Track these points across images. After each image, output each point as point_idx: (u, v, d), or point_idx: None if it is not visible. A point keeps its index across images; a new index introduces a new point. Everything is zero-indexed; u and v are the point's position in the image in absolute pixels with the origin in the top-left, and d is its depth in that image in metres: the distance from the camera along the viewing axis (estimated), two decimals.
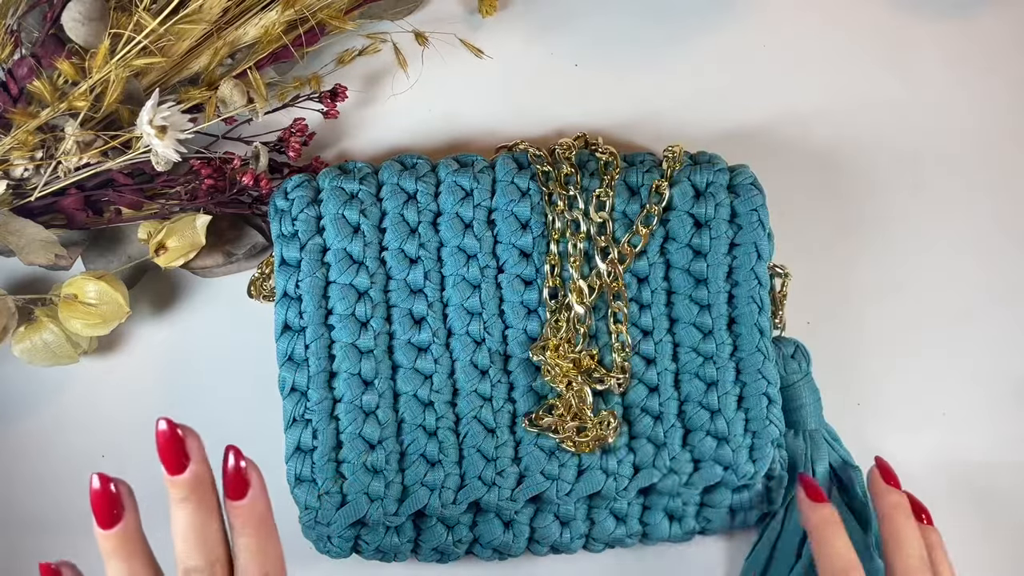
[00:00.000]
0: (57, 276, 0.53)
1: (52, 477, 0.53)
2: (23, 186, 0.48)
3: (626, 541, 0.50)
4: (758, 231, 0.50)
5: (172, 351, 0.54)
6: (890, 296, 0.57)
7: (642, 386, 0.49)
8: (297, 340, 0.47)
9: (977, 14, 0.59)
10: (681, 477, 0.49)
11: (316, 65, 0.55)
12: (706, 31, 0.58)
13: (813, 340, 0.54)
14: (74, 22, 0.46)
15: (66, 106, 0.46)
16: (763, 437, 0.49)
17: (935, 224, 0.58)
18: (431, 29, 0.55)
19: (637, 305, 0.50)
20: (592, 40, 0.57)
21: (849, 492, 0.53)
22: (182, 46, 0.49)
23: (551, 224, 0.49)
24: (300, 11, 0.49)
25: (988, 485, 0.56)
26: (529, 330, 0.49)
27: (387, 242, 0.48)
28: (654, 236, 0.50)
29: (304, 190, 0.48)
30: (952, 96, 0.59)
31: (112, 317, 0.48)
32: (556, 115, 0.57)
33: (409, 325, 0.48)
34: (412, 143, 0.56)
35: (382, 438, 0.47)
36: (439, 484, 0.47)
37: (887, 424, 0.56)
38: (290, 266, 0.48)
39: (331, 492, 0.46)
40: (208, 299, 0.54)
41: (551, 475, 0.48)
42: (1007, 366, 0.57)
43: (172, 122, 0.46)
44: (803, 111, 0.58)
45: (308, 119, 0.52)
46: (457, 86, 0.56)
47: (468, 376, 0.48)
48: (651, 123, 0.57)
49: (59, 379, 0.53)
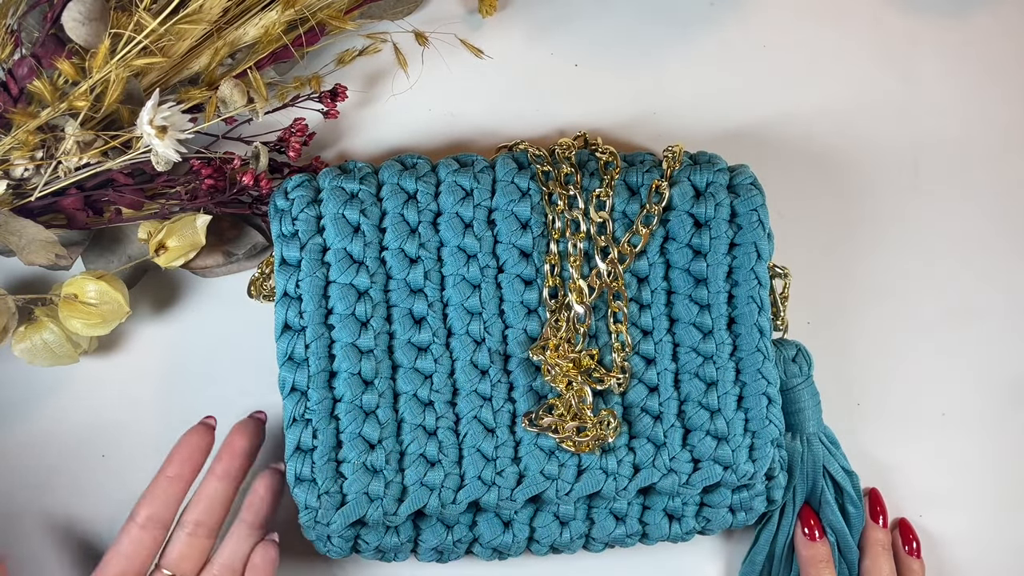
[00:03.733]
0: (57, 276, 0.53)
1: (52, 477, 0.53)
2: (23, 186, 0.48)
3: (626, 541, 0.51)
4: (758, 231, 0.50)
5: (172, 351, 0.54)
6: (890, 296, 0.57)
7: (642, 386, 0.49)
8: (297, 340, 0.47)
9: (976, 14, 0.59)
10: (681, 477, 0.49)
11: (316, 65, 0.55)
12: (706, 31, 0.58)
13: (813, 340, 0.54)
14: (74, 22, 0.46)
15: (66, 106, 0.46)
16: (763, 437, 0.49)
17: (935, 224, 0.58)
18: (431, 29, 0.55)
19: (637, 305, 0.50)
20: (592, 40, 0.57)
21: (844, 498, 0.53)
22: (182, 46, 0.49)
23: (551, 224, 0.49)
24: (300, 11, 0.49)
25: (987, 485, 0.56)
26: (529, 330, 0.49)
27: (387, 242, 0.48)
28: (654, 236, 0.50)
29: (304, 190, 0.48)
30: (952, 96, 0.59)
31: (112, 317, 0.48)
32: (556, 115, 0.57)
33: (409, 325, 0.48)
34: (412, 143, 0.56)
35: (382, 438, 0.47)
36: (439, 484, 0.47)
37: (886, 424, 0.56)
38: (290, 266, 0.48)
39: (331, 492, 0.46)
40: (208, 299, 0.54)
41: (551, 475, 0.48)
42: (1006, 366, 0.57)
43: (172, 122, 0.46)
44: (803, 111, 0.58)
45: (308, 119, 0.52)
46: (457, 86, 0.56)
47: (468, 376, 0.48)
48: (651, 123, 0.57)
49: (59, 379, 0.53)
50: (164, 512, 0.46)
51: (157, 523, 0.46)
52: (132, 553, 0.46)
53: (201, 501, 0.47)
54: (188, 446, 0.47)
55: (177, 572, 0.46)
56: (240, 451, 0.48)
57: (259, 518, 0.48)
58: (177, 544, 0.47)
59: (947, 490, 0.56)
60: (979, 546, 0.56)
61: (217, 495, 0.47)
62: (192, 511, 0.47)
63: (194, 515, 0.47)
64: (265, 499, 0.48)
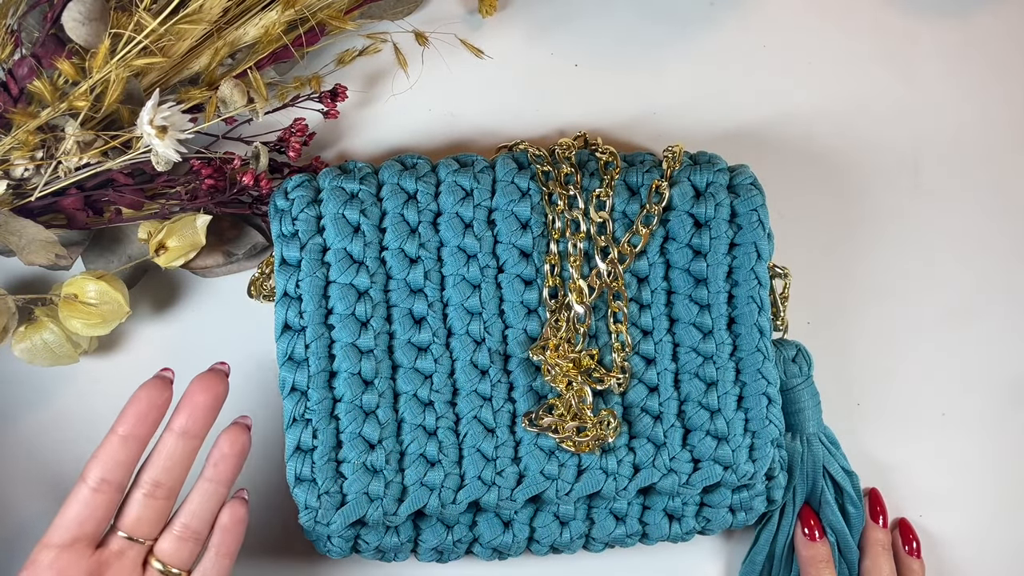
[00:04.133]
0: (57, 276, 0.53)
1: (52, 477, 0.53)
2: (23, 186, 0.48)
3: (626, 541, 0.51)
4: (758, 231, 0.50)
5: (172, 351, 0.54)
6: (889, 296, 0.57)
7: (642, 386, 0.49)
8: (297, 340, 0.47)
9: (977, 14, 0.59)
10: (681, 477, 0.49)
11: (316, 65, 0.55)
12: (706, 31, 0.58)
13: (813, 340, 0.54)
14: (74, 22, 0.46)
15: (66, 106, 0.46)
16: (763, 437, 0.49)
17: (935, 224, 0.58)
18: (431, 29, 0.55)
19: (637, 305, 0.50)
20: (592, 40, 0.57)
21: (844, 498, 0.53)
22: (182, 46, 0.49)
23: (551, 224, 0.49)
24: (300, 11, 0.49)
25: (987, 485, 0.56)
26: (529, 330, 0.49)
27: (387, 242, 0.48)
28: (654, 236, 0.50)
29: (304, 190, 0.48)
30: (952, 96, 0.59)
31: (112, 317, 0.48)
32: (556, 115, 0.57)
33: (409, 325, 0.48)
34: (412, 143, 0.56)
35: (382, 438, 0.47)
36: (439, 484, 0.47)
37: (886, 424, 0.56)
38: (290, 266, 0.48)
39: (331, 492, 0.46)
40: (208, 299, 0.54)
41: (551, 475, 0.48)
42: (1006, 366, 0.57)
43: (172, 122, 0.46)
44: (803, 111, 0.58)
45: (308, 119, 0.52)
46: (457, 86, 0.56)
47: (468, 376, 0.48)
48: (651, 123, 0.57)
49: (59, 379, 0.53)
50: (118, 473, 0.43)
51: (110, 485, 0.43)
52: (85, 517, 0.42)
53: (159, 459, 0.44)
54: (143, 402, 0.43)
55: (134, 535, 0.43)
56: (201, 405, 0.44)
57: (223, 475, 0.45)
58: (134, 505, 0.43)
59: (947, 490, 0.56)
60: (979, 546, 0.56)
61: (176, 453, 0.44)
62: (149, 470, 0.44)
63: (151, 474, 0.43)
64: (229, 455, 0.45)
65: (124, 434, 0.43)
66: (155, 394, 0.44)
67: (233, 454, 0.45)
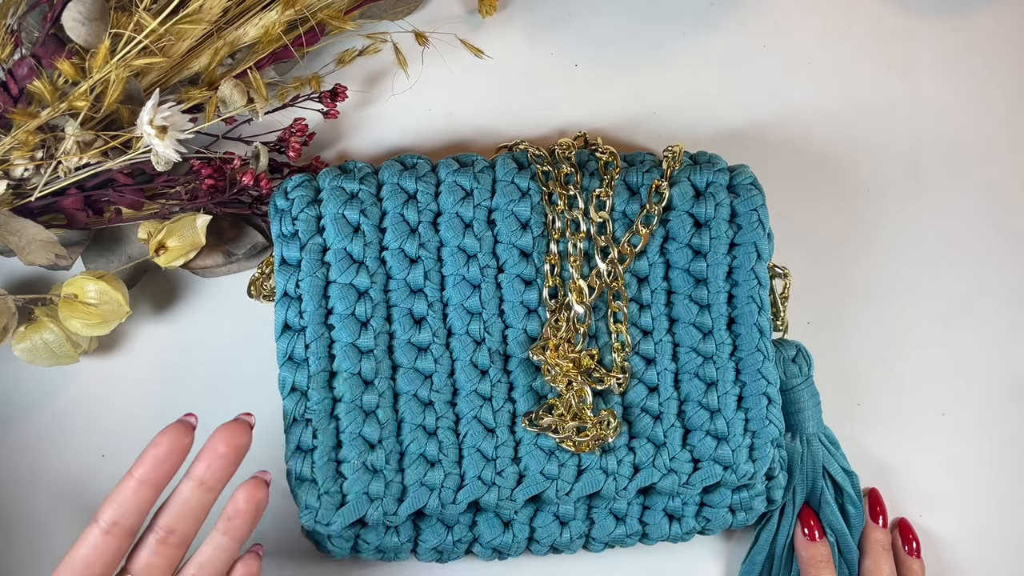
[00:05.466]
0: (57, 276, 0.53)
1: (52, 477, 0.53)
2: (23, 186, 0.48)
3: (626, 541, 0.51)
4: (758, 231, 0.50)
5: (172, 351, 0.54)
6: (889, 296, 0.57)
7: (642, 386, 0.49)
8: (297, 340, 0.47)
9: (976, 15, 0.59)
10: (681, 477, 0.49)
11: (316, 65, 0.55)
12: (706, 31, 0.58)
13: (813, 340, 0.54)
14: (74, 22, 0.46)
15: (66, 106, 0.46)
16: (762, 437, 0.49)
17: (935, 224, 0.58)
18: (431, 29, 0.55)
19: (637, 305, 0.50)
20: (592, 40, 0.57)
21: (844, 498, 0.53)
22: (182, 46, 0.49)
23: (551, 224, 0.49)
24: (300, 11, 0.49)
25: (987, 485, 0.56)
26: (529, 330, 0.49)
27: (387, 242, 0.48)
28: (654, 236, 0.50)
29: (304, 190, 0.48)
30: (952, 96, 0.59)
31: (112, 317, 0.48)
32: (556, 115, 0.57)
33: (409, 325, 0.48)
34: (412, 143, 0.56)
35: (382, 438, 0.47)
36: (439, 484, 0.47)
37: (886, 424, 0.56)
38: (290, 266, 0.48)
39: (331, 492, 0.46)
40: (208, 299, 0.54)
41: (551, 475, 0.48)
42: (1006, 366, 0.57)
43: (172, 122, 0.46)
44: (803, 111, 0.58)
45: (308, 119, 0.52)
46: (457, 86, 0.56)
47: (468, 376, 0.48)
48: (651, 123, 0.57)
49: (59, 379, 0.53)
50: (131, 517, 0.42)
51: (122, 528, 0.42)
52: (93, 559, 0.42)
53: (174, 506, 0.43)
54: (162, 447, 0.42)
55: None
56: (221, 456, 0.43)
57: (237, 531, 0.44)
58: (145, 550, 0.43)
59: (947, 490, 0.56)
60: (979, 546, 0.56)
61: (191, 501, 0.43)
62: (164, 515, 0.43)
63: (166, 520, 0.43)
64: (244, 512, 0.44)
65: (140, 478, 0.42)
66: (176, 439, 0.43)
67: (248, 510, 0.44)
